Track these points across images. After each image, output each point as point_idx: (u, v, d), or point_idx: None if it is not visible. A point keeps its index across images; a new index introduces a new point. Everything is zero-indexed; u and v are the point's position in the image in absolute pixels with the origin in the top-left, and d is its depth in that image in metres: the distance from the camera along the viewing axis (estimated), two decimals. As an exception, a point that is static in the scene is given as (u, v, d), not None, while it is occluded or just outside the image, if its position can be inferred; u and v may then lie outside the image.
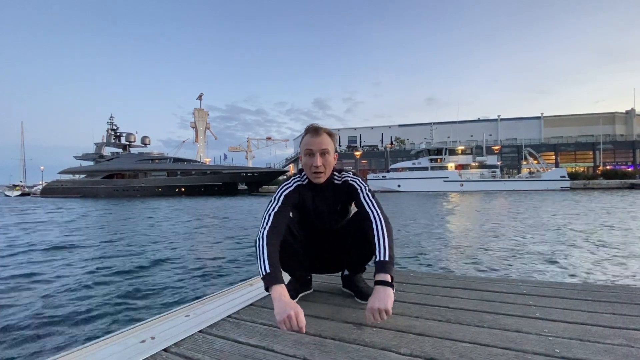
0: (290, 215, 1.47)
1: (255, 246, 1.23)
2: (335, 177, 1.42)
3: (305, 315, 1.22)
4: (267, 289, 1.13)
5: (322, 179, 1.36)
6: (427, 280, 1.69)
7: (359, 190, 1.37)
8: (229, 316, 1.23)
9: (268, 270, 1.14)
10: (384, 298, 1.06)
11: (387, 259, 1.16)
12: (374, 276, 1.14)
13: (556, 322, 1.12)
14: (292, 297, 1.38)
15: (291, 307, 1.06)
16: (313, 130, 1.34)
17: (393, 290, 1.11)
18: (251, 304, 1.36)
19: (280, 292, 1.10)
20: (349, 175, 1.42)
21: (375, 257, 1.19)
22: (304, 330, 1.05)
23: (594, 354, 0.89)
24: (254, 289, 1.57)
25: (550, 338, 0.99)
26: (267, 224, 1.26)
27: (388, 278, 1.11)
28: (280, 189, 1.38)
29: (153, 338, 1.03)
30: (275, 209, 1.31)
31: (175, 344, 1.00)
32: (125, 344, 1.00)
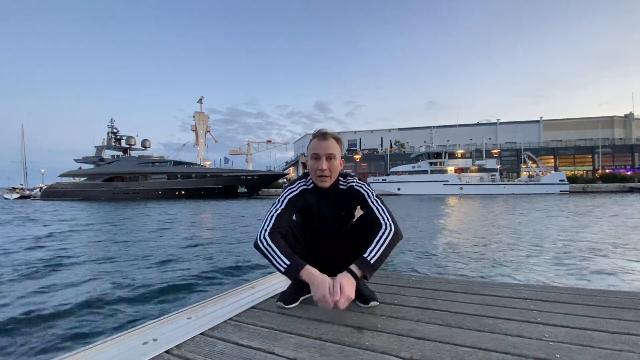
0: (294, 218, 1.48)
1: (261, 248, 1.24)
2: (341, 182, 1.42)
3: (306, 318, 1.23)
4: (296, 279, 1.19)
5: (328, 183, 1.37)
6: (428, 284, 1.69)
7: (367, 196, 1.37)
8: (231, 319, 1.23)
9: (288, 262, 1.19)
10: (338, 284, 1.12)
11: (371, 261, 1.20)
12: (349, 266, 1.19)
13: (557, 326, 1.12)
14: (294, 300, 1.39)
15: (325, 283, 1.12)
16: (320, 135, 1.36)
17: (356, 281, 1.16)
18: (253, 307, 1.36)
19: (309, 272, 1.17)
20: (355, 180, 1.42)
21: (363, 253, 1.22)
22: (340, 305, 1.10)
23: (594, 359, 0.90)
24: (256, 292, 1.57)
25: (551, 343, 0.99)
26: (268, 225, 1.27)
27: (357, 271, 1.17)
28: (285, 192, 1.39)
29: (155, 340, 1.03)
30: (278, 211, 1.32)
31: (177, 346, 1.00)
32: (127, 346, 1.00)
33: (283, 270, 1.19)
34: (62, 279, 4.07)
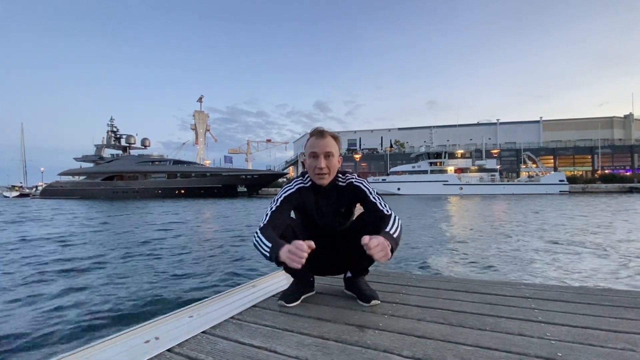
0: (293, 217, 1.48)
1: (253, 241, 1.26)
2: (340, 179, 1.44)
3: (307, 317, 1.23)
4: (277, 260, 1.14)
5: (326, 180, 1.38)
6: (430, 283, 1.69)
7: (367, 192, 1.39)
8: (232, 317, 1.23)
9: (270, 245, 1.18)
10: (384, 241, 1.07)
11: (394, 235, 1.19)
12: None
13: (559, 325, 1.12)
14: (296, 298, 1.39)
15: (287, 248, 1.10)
16: (318, 133, 1.37)
17: (390, 246, 1.09)
18: (254, 305, 1.36)
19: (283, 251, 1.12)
20: (354, 177, 1.43)
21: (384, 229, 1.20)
22: (305, 250, 1.07)
23: (596, 357, 0.90)
24: (257, 290, 1.57)
25: (553, 341, 0.99)
26: (262, 222, 1.31)
27: (388, 236, 1.14)
28: (282, 190, 1.42)
29: (157, 338, 1.04)
30: (274, 208, 1.35)
31: (179, 345, 1.00)
32: (129, 344, 1.00)
33: (268, 254, 1.17)
34: (62, 277, 4.07)
